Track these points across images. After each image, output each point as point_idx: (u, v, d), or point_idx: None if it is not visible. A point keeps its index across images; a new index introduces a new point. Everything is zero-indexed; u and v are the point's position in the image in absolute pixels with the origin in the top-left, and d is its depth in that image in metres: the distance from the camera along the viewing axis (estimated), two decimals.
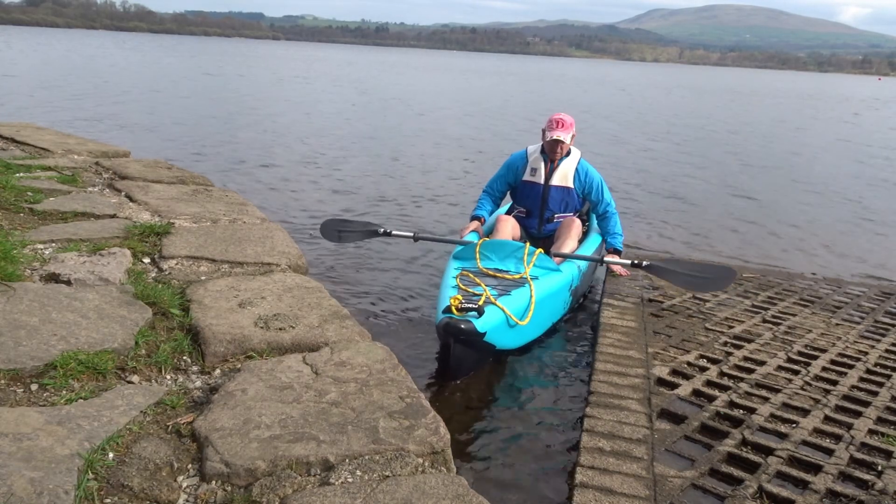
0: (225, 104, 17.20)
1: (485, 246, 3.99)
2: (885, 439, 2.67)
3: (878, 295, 4.72)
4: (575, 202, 4.63)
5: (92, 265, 2.95)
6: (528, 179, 4.60)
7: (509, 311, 3.39)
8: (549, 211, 4.61)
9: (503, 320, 3.37)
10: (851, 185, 10.75)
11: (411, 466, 1.83)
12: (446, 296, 3.46)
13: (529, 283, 3.68)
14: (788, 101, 37.89)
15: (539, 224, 4.66)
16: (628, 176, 10.13)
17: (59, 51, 40.88)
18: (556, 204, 4.59)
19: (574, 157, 4.59)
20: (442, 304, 3.37)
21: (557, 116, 4.47)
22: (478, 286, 3.60)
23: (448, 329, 3.16)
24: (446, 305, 3.24)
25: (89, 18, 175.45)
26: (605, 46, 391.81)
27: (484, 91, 29.59)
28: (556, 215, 4.63)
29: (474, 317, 3.19)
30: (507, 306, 3.40)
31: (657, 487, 2.25)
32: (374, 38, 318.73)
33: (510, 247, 3.98)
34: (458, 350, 3.26)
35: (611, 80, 53.19)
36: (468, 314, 3.19)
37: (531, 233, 4.69)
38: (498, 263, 3.93)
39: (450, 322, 3.15)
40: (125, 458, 1.77)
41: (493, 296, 3.47)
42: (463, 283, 3.65)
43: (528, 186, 4.61)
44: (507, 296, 3.52)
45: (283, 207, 6.91)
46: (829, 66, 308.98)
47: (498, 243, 4.02)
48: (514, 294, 3.56)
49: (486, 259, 3.95)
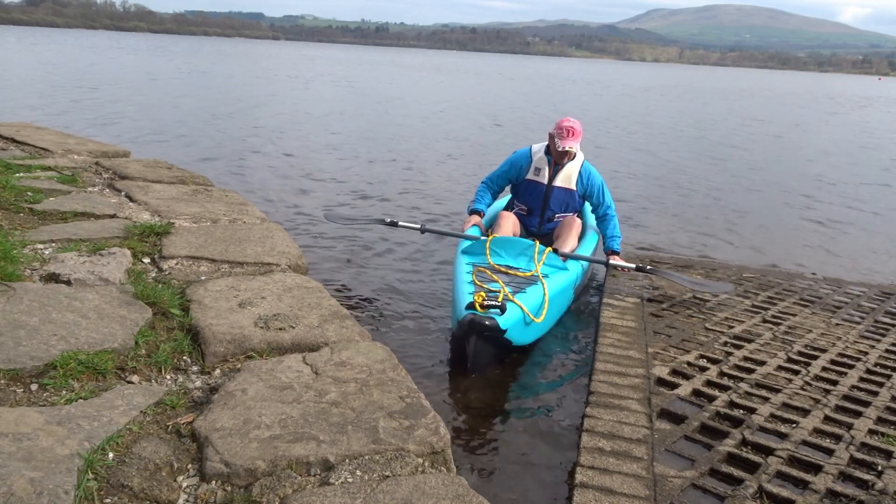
0: (225, 104, 17.19)
1: (495, 242, 4.06)
2: (885, 439, 2.67)
3: (878, 295, 4.72)
4: (576, 203, 4.68)
5: (92, 265, 2.95)
6: (532, 179, 4.63)
7: (527, 309, 3.44)
8: (550, 211, 4.66)
9: (521, 317, 3.43)
10: (851, 185, 10.75)
11: (411, 466, 1.83)
12: (464, 291, 3.52)
13: (542, 281, 3.74)
14: (790, 100, 37.91)
15: (539, 223, 4.71)
16: (629, 176, 10.13)
17: (55, 50, 40.86)
18: (558, 204, 4.63)
19: (578, 159, 4.62)
20: (462, 299, 3.42)
21: (567, 124, 4.43)
22: (494, 282, 3.66)
23: (473, 325, 3.22)
24: (469, 301, 3.30)
25: (89, 18, 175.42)
26: (605, 46, 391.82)
27: (484, 99, 29.53)
28: (557, 215, 4.67)
29: (497, 314, 3.25)
30: (524, 304, 3.45)
31: (657, 487, 2.24)
32: (374, 38, 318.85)
33: (521, 244, 4.04)
34: (480, 346, 3.32)
35: (610, 81, 53.17)
36: (490, 311, 3.25)
37: (531, 230, 4.73)
38: (509, 260, 3.98)
39: (474, 318, 3.21)
40: (125, 458, 1.77)
41: (510, 293, 3.52)
42: (479, 279, 3.69)
43: (531, 185, 4.64)
44: (522, 293, 3.57)
45: (283, 207, 6.91)
46: (829, 66, 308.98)
47: (508, 240, 4.08)
48: (529, 292, 3.62)
49: (497, 255, 4.01)
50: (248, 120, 14.20)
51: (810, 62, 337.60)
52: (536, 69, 73.50)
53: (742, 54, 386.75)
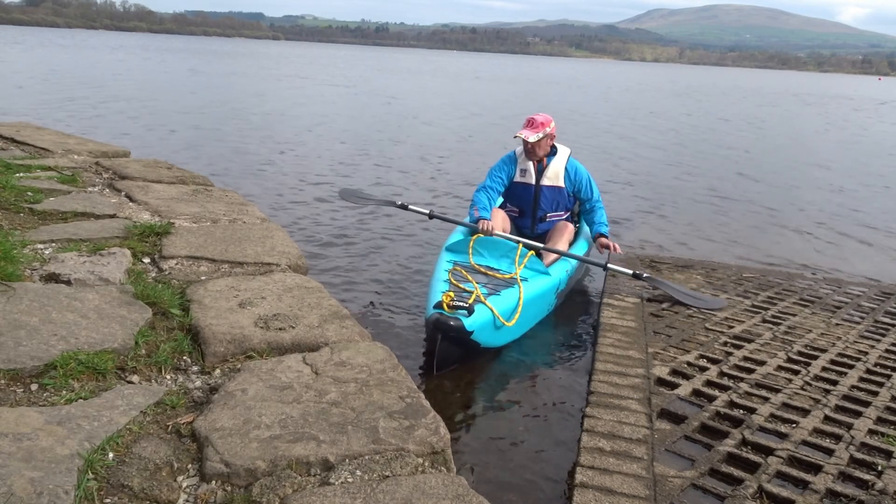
0: (225, 104, 17.20)
1: (479, 242, 4.02)
2: (885, 439, 2.67)
3: (878, 295, 4.72)
4: (566, 200, 4.67)
5: (92, 265, 2.94)
6: (520, 180, 4.63)
7: (497, 312, 3.42)
8: (541, 210, 4.65)
9: (491, 320, 3.40)
10: (852, 184, 10.75)
11: (411, 466, 1.83)
12: (437, 290, 3.50)
13: (519, 285, 3.71)
14: (795, 99, 37.93)
15: (532, 224, 4.69)
16: (631, 176, 10.13)
17: (55, 51, 40.85)
18: (549, 203, 4.63)
19: (562, 155, 4.61)
20: (433, 298, 3.41)
21: (529, 116, 4.51)
22: (468, 283, 3.63)
23: (438, 325, 3.22)
24: (437, 301, 3.29)
25: (89, 18, 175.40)
26: (605, 46, 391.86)
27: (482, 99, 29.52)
28: (549, 214, 4.66)
29: (464, 315, 3.24)
30: (495, 306, 3.43)
31: (657, 487, 2.24)
32: (374, 38, 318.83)
33: (504, 246, 4.01)
34: (444, 346, 3.32)
35: (611, 81, 53.15)
36: (457, 312, 3.24)
37: (524, 232, 4.70)
38: (490, 261, 3.96)
39: (439, 318, 3.21)
40: (125, 458, 1.77)
41: (483, 294, 3.49)
42: (455, 278, 3.67)
43: (520, 187, 4.64)
44: (496, 295, 3.54)
45: (283, 207, 6.91)
46: (829, 66, 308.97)
47: (492, 241, 4.05)
48: (504, 294, 3.59)
49: (479, 255, 3.98)
50: (249, 120, 14.20)
51: (810, 62, 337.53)
52: (547, 71, 73.45)
53: (742, 54, 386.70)
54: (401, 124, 15.38)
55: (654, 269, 4.93)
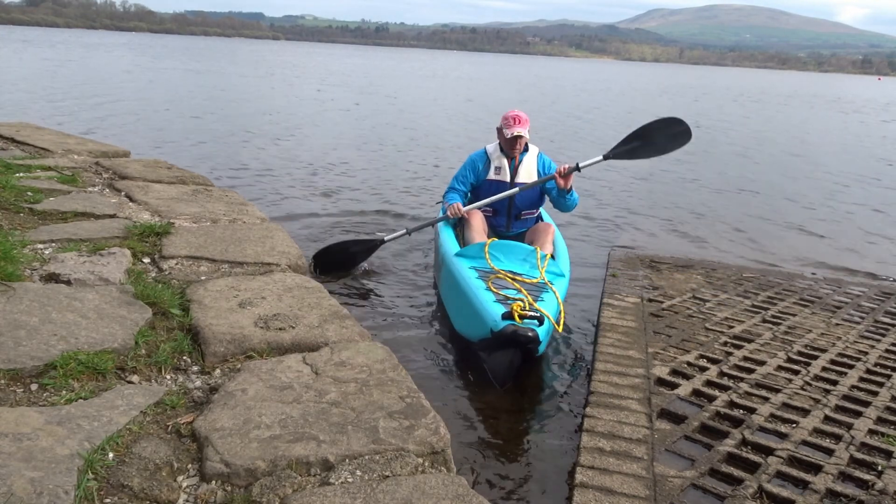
0: (225, 104, 17.19)
1: (494, 247, 3.93)
2: (885, 439, 2.67)
3: (878, 295, 4.72)
4: (539, 197, 4.65)
5: (92, 265, 2.94)
6: (494, 178, 4.57)
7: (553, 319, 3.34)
8: (516, 208, 4.60)
9: (548, 328, 3.32)
10: (852, 184, 10.75)
11: (411, 466, 1.83)
12: (485, 299, 3.39)
13: (552, 289, 3.62)
14: (795, 100, 37.93)
15: (508, 222, 4.63)
16: (631, 176, 10.13)
17: (55, 50, 40.85)
18: (524, 201, 4.58)
19: (533, 151, 4.60)
20: (489, 308, 3.31)
21: (513, 113, 4.48)
22: (509, 289, 3.52)
23: (517, 337, 3.12)
24: (505, 311, 3.18)
25: (89, 18, 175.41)
26: (605, 46, 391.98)
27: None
28: (524, 212, 4.63)
29: (535, 325, 3.16)
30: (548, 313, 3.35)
31: (657, 487, 2.24)
32: (374, 38, 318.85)
33: (522, 250, 3.93)
34: (518, 358, 3.24)
35: (611, 81, 53.17)
36: (527, 321, 3.16)
37: (500, 231, 4.62)
38: (510, 266, 3.84)
39: (518, 330, 3.11)
40: (125, 458, 1.77)
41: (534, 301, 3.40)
42: (495, 286, 3.56)
43: (494, 185, 4.56)
44: (541, 302, 3.45)
45: (282, 207, 6.90)
46: (829, 66, 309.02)
47: (507, 245, 3.96)
48: (546, 299, 3.49)
49: (497, 260, 3.86)
50: (249, 120, 14.20)
51: (810, 62, 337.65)
52: (547, 71, 73.46)
53: (742, 54, 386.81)
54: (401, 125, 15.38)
55: (654, 269, 4.94)
